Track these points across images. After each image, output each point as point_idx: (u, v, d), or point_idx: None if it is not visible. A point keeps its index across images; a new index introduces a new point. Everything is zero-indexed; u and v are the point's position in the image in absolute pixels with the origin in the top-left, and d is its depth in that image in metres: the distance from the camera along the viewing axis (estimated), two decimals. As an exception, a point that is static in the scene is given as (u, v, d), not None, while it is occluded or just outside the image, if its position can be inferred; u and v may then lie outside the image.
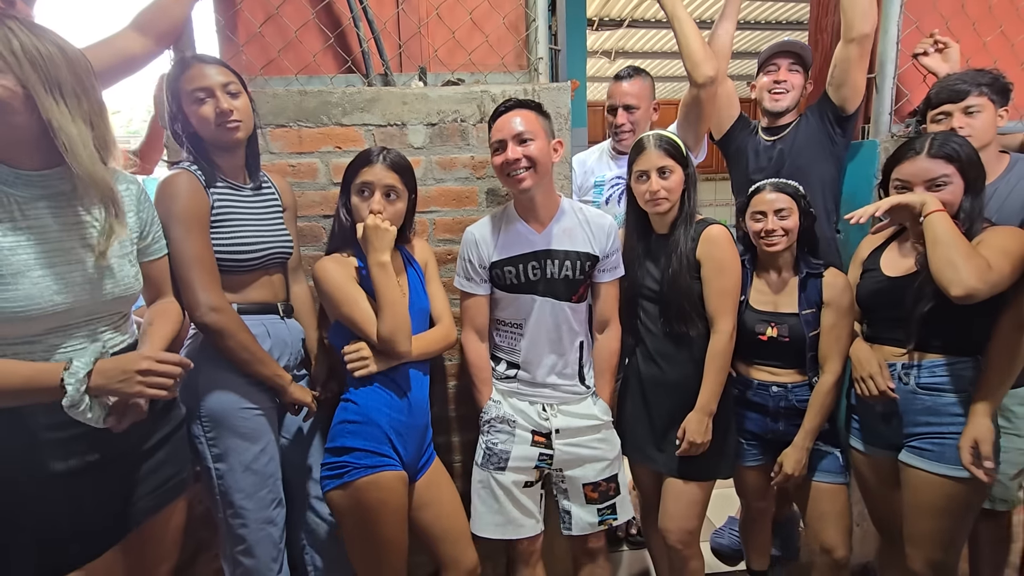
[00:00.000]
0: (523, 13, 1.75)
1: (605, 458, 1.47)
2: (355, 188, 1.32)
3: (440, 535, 1.42)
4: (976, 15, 1.88)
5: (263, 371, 1.28)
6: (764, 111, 1.86)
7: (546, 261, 1.41)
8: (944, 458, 1.29)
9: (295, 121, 1.58)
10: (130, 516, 1.04)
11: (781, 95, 1.81)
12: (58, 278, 0.94)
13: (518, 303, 1.43)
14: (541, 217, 1.43)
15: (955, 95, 1.44)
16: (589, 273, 1.45)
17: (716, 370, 1.42)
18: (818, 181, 1.72)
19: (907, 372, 1.36)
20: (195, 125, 1.27)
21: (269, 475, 1.32)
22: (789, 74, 1.80)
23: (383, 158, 1.33)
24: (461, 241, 1.48)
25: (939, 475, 1.29)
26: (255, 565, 1.32)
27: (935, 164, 1.29)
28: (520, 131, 1.33)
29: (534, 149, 1.33)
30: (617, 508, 1.48)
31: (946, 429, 1.30)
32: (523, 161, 1.33)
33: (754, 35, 5.75)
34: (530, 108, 1.38)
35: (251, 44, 1.66)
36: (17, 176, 0.93)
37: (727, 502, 2.05)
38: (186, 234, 1.19)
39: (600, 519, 1.47)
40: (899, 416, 1.38)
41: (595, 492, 1.46)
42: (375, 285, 1.28)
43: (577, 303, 1.46)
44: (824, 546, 1.50)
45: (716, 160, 5.96)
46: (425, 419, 1.42)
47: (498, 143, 1.36)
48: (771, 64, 1.83)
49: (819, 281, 1.49)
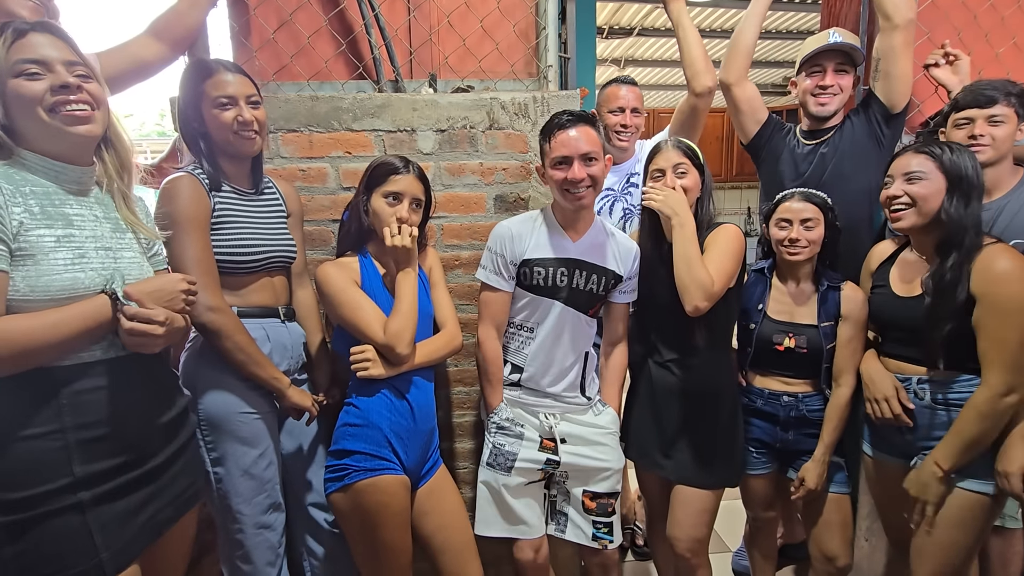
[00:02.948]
0: (533, 21, 1.76)
1: (610, 468, 1.46)
2: (382, 194, 1.34)
3: (441, 547, 1.40)
4: (989, 26, 1.87)
5: (260, 373, 1.28)
6: (808, 115, 1.74)
7: (575, 271, 1.42)
8: (963, 472, 1.27)
9: (306, 126, 1.59)
10: (153, 527, 1.04)
11: (828, 99, 1.67)
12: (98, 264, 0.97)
13: (537, 306, 1.43)
14: (579, 228, 1.44)
15: (984, 101, 1.41)
16: (609, 291, 1.46)
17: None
18: (863, 189, 1.63)
19: (922, 388, 1.34)
20: (211, 128, 1.28)
21: (267, 480, 1.32)
22: (836, 76, 1.65)
23: (411, 168, 1.35)
24: (491, 235, 1.45)
25: (959, 487, 1.27)
26: (252, 570, 1.31)
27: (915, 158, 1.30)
28: (588, 151, 1.32)
29: (597, 170, 1.34)
30: (613, 530, 1.47)
31: None
32: (587, 181, 1.34)
33: (764, 44, 5.75)
34: (591, 125, 1.36)
35: (264, 49, 1.68)
36: (67, 172, 0.98)
37: (734, 516, 2.03)
38: (186, 236, 1.20)
39: (595, 533, 1.45)
40: (914, 430, 1.36)
41: (593, 502, 1.45)
42: (398, 289, 1.30)
43: (592, 317, 1.47)
44: (827, 554, 1.50)
45: (724, 169, 6.03)
46: (430, 425, 1.41)
47: (562, 159, 1.34)
48: (815, 65, 1.68)
49: (838, 294, 1.48)
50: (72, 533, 0.91)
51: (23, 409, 0.90)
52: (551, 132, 1.36)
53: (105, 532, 0.94)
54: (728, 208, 6.45)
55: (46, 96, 0.91)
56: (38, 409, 0.91)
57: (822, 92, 1.67)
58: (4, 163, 0.93)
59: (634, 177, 1.96)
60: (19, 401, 0.90)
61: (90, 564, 0.92)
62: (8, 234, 0.88)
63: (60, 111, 0.92)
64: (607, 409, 1.51)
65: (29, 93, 0.90)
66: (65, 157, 0.96)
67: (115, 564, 0.95)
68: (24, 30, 0.92)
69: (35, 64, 0.90)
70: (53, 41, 0.93)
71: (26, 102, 0.90)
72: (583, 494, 1.45)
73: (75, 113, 0.93)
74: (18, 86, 0.90)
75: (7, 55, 0.89)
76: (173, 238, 1.19)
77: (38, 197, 0.93)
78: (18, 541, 0.88)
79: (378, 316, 1.30)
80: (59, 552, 0.90)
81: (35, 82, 0.90)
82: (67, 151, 0.96)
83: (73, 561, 0.91)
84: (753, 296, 1.58)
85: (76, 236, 0.96)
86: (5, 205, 0.88)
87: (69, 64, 0.94)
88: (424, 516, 1.39)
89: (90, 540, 0.92)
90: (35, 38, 0.92)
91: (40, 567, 0.89)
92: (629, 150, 2.00)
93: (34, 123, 0.92)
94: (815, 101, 1.69)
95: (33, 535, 0.89)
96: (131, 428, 0.99)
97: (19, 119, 0.92)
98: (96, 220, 1.00)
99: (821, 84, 1.67)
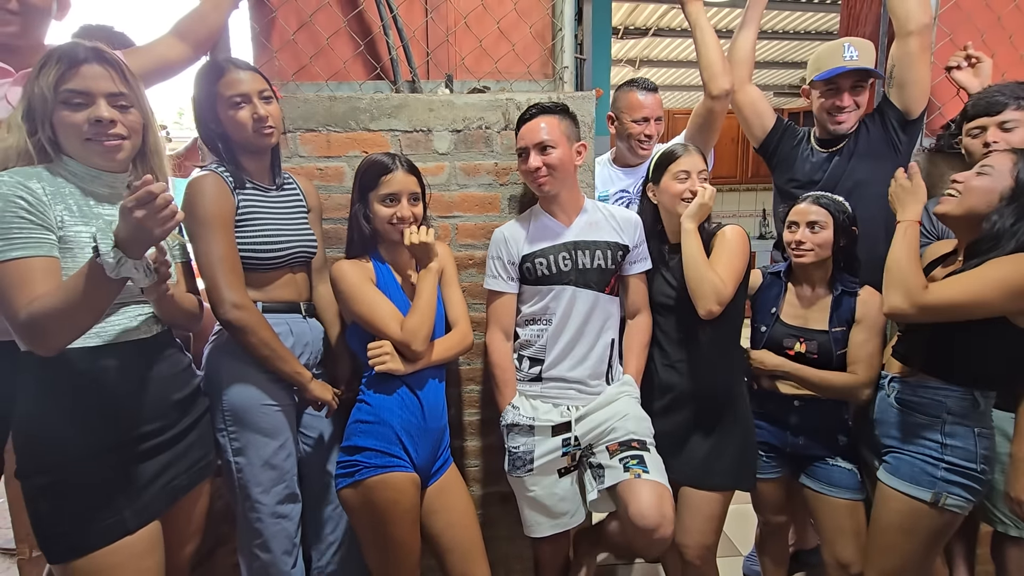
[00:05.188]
0: (550, 22, 1.77)
1: (627, 415, 1.42)
2: (378, 198, 1.35)
3: (449, 545, 1.40)
4: (1013, 27, 1.84)
5: (284, 368, 1.31)
6: (826, 130, 1.70)
7: (576, 252, 1.44)
8: (899, 473, 1.31)
9: (324, 126, 1.61)
10: (169, 492, 1.15)
11: (845, 117, 1.64)
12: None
13: (550, 295, 1.44)
14: (567, 211, 1.48)
15: (992, 108, 1.40)
16: (620, 263, 1.47)
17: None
18: (879, 195, 1.56)
19: (893, 385, 1.37)
20: (229, 129, 1.30)
21: (286, 471, 1.35)
22: (852, 96, 1.62)
23: (400, 164, 1.36)
24: (490, 243, 1.51)
25: (892, 488, 1.31)
26: (271, 559, 1.34)
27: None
28: (541, 140, 1.39)
29: (554, 158, 1.39)
30: (646, 461, 1.36)
31: (909, 447, 1.32)
32: (543, 170, 1.40)
33: (782, 44, 5.69)
34: (554, 113, 1.41)
35: (284, 50, 1.70)
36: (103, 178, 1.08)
37: (745, 520, 2.02)
38: (211, 234, 1.23)
39: (627, 464, 1.35)
40: (879, 425, 1.39)
41: (617, 445, 1.40)
42: (419, 286, 1.33)
43: (610, 295, 1.47)
44: (841, 561, 1.49)
45: (740, 171, 5.97)
46: (440, 423, 1.42)
47: (521, 150, 1.43)
48: (830, 84, 1.64)
49: (853, 300, 1.47)
50: (98, 492, 1.03)
51: (55, 384, 1.02)
52: (519, 125, 1.44)
53: (127, 493, 1.06)
54: (743, 210, 6.40)
55: (85, 127, 1.02)
56: (69, 383, 1.03)
57: (839, 112, 1.65)
58: (47, 167, 1.04)
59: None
60: (50, 375, 1.02)
61: (113, 519, 1.04)
62: (54, 225, 0.99)
63: (97, 141, 1.04)
64: (624, 377, 1.50)
65: (70, 122, 1.02)
66: (101, 168, 1.08)
67: (137, 520, 1.07)
68: (79, 61, 1.01)
69: (79, 95, 1.01)
70: (102, 72, 1.03)
71: (68, 129, 1.03)
72: (608, 446, 1.41)
73: (106, 144, 1.04)
74: (63, 116, 1.02)
75: (58, 84, 1.00)
76: (199, 236, 1.23)
77: (75, 198, 1.05)
78: (51, 498, 1.01)
79: (394, 313, 1.32)
80: (87, 508, 1.03)
81: (77, 113, 1.02)
82: (102, 165, 1.08)
83: (100, 515, 1.03)
84: (768, 299, 1.57)
85: (109, 234, 1.01)
86: (49, 203, 1.00)
87: (111, 96, 1.04)
88: (433, 514, 1.40)
89: (114, 499, 1.05)
90: (86, 70, 1.02)
91: (70, 520, 1.02)
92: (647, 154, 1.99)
93: (75, 144, 1.04)
94: (832, 120, 1.66)
95: (63, 492, 1.01)
96: (150, 402, 1.11)
97: (63, 138, 1.04)
98: None
99: (838, 105, 1.64)
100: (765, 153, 1.85)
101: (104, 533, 1.03)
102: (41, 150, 1.03)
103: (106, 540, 1.03)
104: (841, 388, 1.46)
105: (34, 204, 0.97)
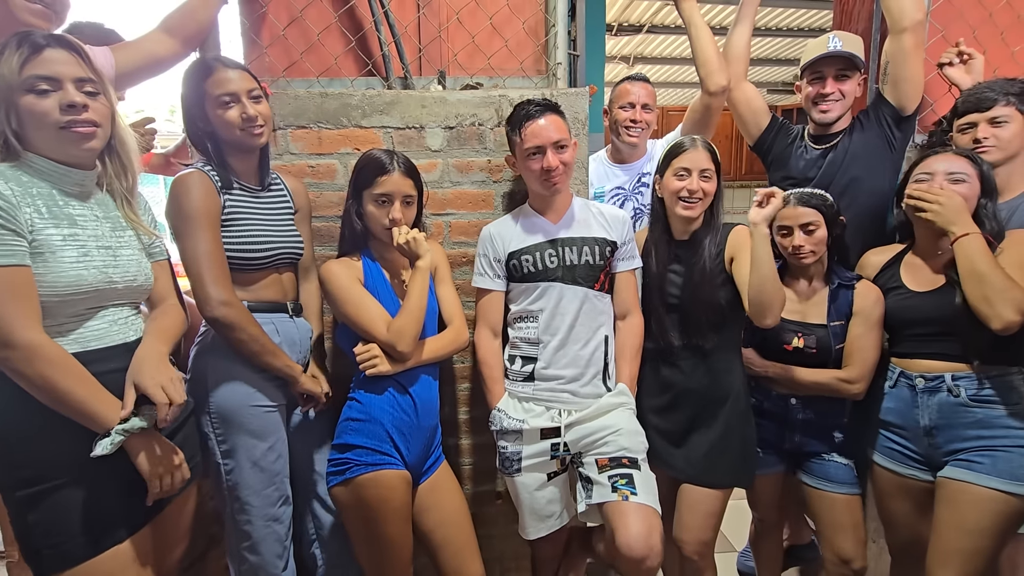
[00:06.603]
0: (543, 18, 1.76)
1: (620, 429, 1.40)
2: (372, 197, 1.34)
3: (441, 543, 1.40)
4: (1005, 24, 1.84)
5: (274, 363, 1.29)
6: (812, 120, 1.73)
7: (563, 249, 1.43)
8: (996, 471, 1.24)
9: (315, 122, 1.60)
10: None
11: (829, 106, 1.66)
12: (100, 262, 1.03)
13: (537, 292, 1.43)
14: (557, 208, 1.47)
15: (982, 104, 1.40)
16: (609, 259, 1.46)
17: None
18: (874, 191, 1.62)
19: (957, 384, 1.32)
20: (218, 128, 1.29)
21: (276, 472, 1.33)
22: (837, 83, 1.64)
23: (397, 165, 1.34)
24: (478, 241, 1.50)
25: (990, 488, 1.24)
26: (260, 562, 1.32)
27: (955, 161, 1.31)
28: (558, 138, 1.37)
29: (568, 155, 1.39)
30: (635, 482, 1.33)
31: (998, 442, 1.26)
32: (560, 168, 1.38)
33: (775, 42, 5.70)
34: (557, 112, 1.40)
35: (274, 46, 1.68)
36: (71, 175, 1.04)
37: (740, 516, 2.02)
38: (197, 230, 1.21)
39: (614, 484, 1.32)
40: (937, 432, 1.33)
41: (607, 460, 1.38)
42: (409, 287, 1.31)
43: (599, 291, 1.45)
44: (842, 557, 1.49)
45: (734, 168, 5.99)
46: (433, 421, 1.42)
47: (536, 148, 1.37)
48: (815, 72, 1.67)
49: (851, 293, 1.47)
50: (84, 500, 1.00)
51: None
52: (520, 123, 1.39)
53: (114, 501, 1.03)
54: (738, 207, 6.41)
55: (56, 113, 0.96)
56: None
57: (823, 100, 1.67)
58: (11, 165, 0.97)
59: (645, 177, 1.94)
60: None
61: (101, 529, 1.01)
62: (24, 230, 0.93)
63: (70, 128, 0.98)
64: (618, 386, 1.48)
65: (40, 110, 0.96)
66: (69, 163, 1.02)
67: (126, 528, 1.05)
68: (40, 46, 0.96)
69: (46, 81, 0.95)
70: (66, 57, 0.98)
71: (38, 117, 0.96)
72: (597, 460, 1.39)
73: (81, 131, 0.99)
74: (30, 103, 0.95)
75: (22, 70, 0.94)
76: (184, 233, 1.21)
77: (44, 198, 0.99)
78: (37, 510, 0.98)
79: (381, 314, 1.31)
80: (74, 518, 0.99)
81: (45, 99, 0.95)
82: (71, 159, 1.02)
83: (87, 526, 1.00)
84: None
85: (80, 235, 1.01)
86: (18, 204, 0.93)
87: (78, 81, 0.98)
88: (425, 512, 1.39)
89: (102, 507, 1.02)
90: (50, 54, 0.96)
91: (58, 531, 0.99)
92: (640, 148, 1.98)
93: (45, 135, 0.98)
94: (817, 109, 1.69)
95: (49, 504, 0.98)
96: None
97: (30, 130, 0.97)
98: (97, 220, 1.05)
99: (822, 92, 1.66)
100: (760, 150, 1.85)
101: (93, 543, 1.00)
102: (4, 146, 0.96)
103: (96, 550, 1.00)
104: (831, 385, 1.46)
105: (3, 208, 0.91)
